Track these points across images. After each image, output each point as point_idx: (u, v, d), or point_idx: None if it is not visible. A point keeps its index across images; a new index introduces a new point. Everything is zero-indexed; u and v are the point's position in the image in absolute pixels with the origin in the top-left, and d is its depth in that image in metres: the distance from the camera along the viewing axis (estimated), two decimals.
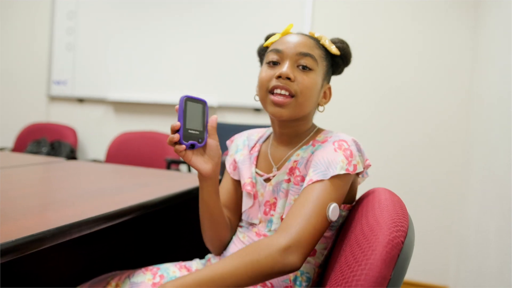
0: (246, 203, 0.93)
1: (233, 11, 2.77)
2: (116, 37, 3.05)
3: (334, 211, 0.73)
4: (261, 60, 0.96)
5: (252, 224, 0.92)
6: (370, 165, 0.82)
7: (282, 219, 0.85)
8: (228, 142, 1.06)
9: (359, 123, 2.49)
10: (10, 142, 3.29)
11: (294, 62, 0.83)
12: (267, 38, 0.96)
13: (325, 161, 0.78)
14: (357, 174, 0.84)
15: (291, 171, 0.86)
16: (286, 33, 0.90)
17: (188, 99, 0.77)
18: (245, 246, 0.71)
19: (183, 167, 2.72)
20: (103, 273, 0.98)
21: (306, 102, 0.83)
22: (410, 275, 2.34)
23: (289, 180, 0.86)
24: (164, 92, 2.94)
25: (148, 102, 2.97)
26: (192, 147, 0.77)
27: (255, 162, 0.94)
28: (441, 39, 2.34)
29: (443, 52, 2.34)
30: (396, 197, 0.72)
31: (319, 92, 0.87)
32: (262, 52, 0.96)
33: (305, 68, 0.83)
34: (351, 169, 0.77)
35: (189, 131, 0.76)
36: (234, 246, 0.92)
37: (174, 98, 2.89)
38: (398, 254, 0.52)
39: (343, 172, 0.76)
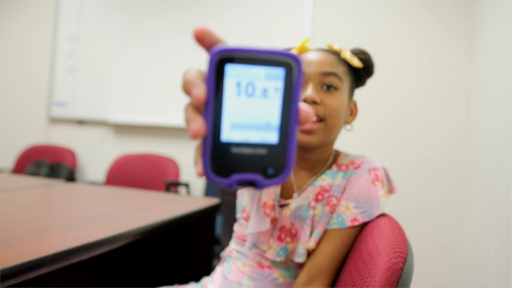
0: (256, 224, 0.80)
1: (233, 27, 2.81)
2: (117, 60, 3.10)
3: None
4: None
5: (256, 249, 0.81)
6: (396, 192, 0.82)
7: (308, 250, 0.77)
8: None
9: (360, 146, 2.49)
10: (10, 163, 3.29)
11: (318, 83, 0.77)
12: None
13: (366, 196, 0.75)
14: None
15: (318, 196, 0.80)
16: (302, 50, 0.83)
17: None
18: None
19: (182, 189, 2.71)
20: None
21: (335, 124, 0.78)
22: None
23: (314, 208, 0.79)
24: (164, 114, 2.96)
25: (148, 125, 2.99)
26: None
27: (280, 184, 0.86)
28: (437, 62, 2.38)
29: (441, 75, 2.37)
30: (395, 223, 0.72)
31: (347, 111, 0.83)
32: None
33: (330, 87, 0.77)
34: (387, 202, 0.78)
35: None
36: (233, 276, 0.83)
37: (174, 120, 2.90)
38: (398, 281, 0.52)
39: (386, 209, 0.76)
